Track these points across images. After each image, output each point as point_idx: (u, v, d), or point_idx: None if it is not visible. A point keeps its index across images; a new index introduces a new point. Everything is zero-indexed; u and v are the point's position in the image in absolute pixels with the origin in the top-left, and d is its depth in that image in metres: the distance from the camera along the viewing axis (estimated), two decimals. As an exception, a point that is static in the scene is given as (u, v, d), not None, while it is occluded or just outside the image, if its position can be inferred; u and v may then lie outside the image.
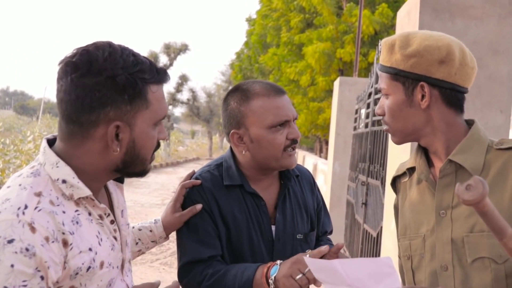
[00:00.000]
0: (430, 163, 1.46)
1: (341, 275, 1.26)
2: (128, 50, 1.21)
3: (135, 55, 1.21)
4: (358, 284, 1.25)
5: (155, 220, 1.82)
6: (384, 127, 1.48)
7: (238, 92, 1.73)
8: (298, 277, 1.51)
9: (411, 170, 1.52)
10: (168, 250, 7.24)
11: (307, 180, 1.91)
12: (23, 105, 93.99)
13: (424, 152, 1.48)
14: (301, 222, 1.80)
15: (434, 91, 1.37)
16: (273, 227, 1.74)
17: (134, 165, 1.25)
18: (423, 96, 1.38)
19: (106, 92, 1.16)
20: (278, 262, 1.58)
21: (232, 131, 1.72)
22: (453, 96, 1.38)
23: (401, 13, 3.56)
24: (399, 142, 1.46)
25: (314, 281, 1.51)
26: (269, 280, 1.55)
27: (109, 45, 1.20)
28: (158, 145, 1.30)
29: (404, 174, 1.55)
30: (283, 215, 1.76)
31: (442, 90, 1.37)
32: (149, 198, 12.42)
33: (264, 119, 1.67)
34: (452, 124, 1.40)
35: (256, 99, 1.69)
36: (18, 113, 75.21)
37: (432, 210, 1.42)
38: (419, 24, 3.01)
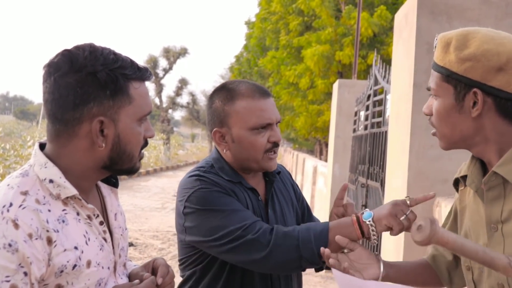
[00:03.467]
0: (487, 171, 1.34)
1: None
2: (108, 49, 1.25)
3: (116, 54, 1.25)
4: None
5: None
6: (432, 130, 1.38)
7: (223, 91, 1.73)
8: (402, 218, 1.52)
9: (464, 178, 1.40)
10: (169, 254, 7.24)
11: (286, 177, 1.93)
12: (23, 110, 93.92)
13: (479, 159, 1.36)
14: (290, 217, 1.82)
15: (488, 99, 1.25)
16: None
17: (122, 162, 1.27)
18: (474, 103, 1.26)
19: (88, 88, 1.19)
20: (367, 209, 1.59)
21: (214, 130, 1.72)
22: (509, 106, 1.25)
23: (399, 16, 3.57)
24: (445, 148, 1.37)
25: (409, 227, 1.51)
26: (366, 223, 1.53)
27: (90, 45, 1.24)
28: (146, 143, 1.32)
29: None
30: (273, 211, 1.77)
31: (497, 99, 1.25)
32: (150, 202, 12.42)
33: (247, 120, 1.67)
34: (505, 133, 1.28)
35: (240, 99, 1.69)
36: (18, 118, 75.21)
37: (484, 223, 1.32)
38: (416, 27, 3.03)
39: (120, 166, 1.28)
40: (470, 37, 1.27)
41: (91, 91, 1.20)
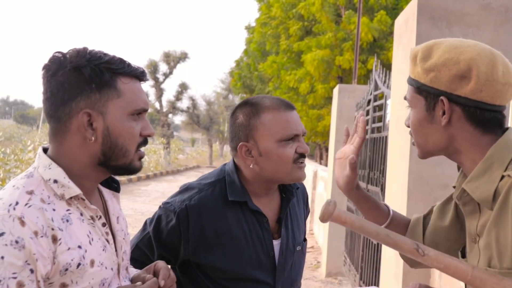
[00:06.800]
0: None
1: None
2: (100, 51, 1.30)
3: (106, 53, 1.29)
4: None
5: None
6: (412, 140, 1.38)
7: (247, 106, 1.73)
8: None
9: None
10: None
11: (302, 192, 1.94)
12: (23, 115, 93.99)
13: None
14: (298, 233, 1.83)
15: (456, 108, 1.26)
16: (275, 242, 1.75)
17: (116, 157, 1.28)
18: (444, 113, 1.27)
19: (74, 83, 1.24)
20: None
21: (240, 144, 1.70)
22: (478, 114, 1.24)
23: (399, 21, 3.59)
24: (422, 157, 1.38)
25: None
26: None
27: (83, 47, 1.29)
28: (144, 142, 1.33)
29: None
30: (286, 230, 1.77)
31: (465, 108, 1.25)
32: (150, 207, 12.40)
33: (274, 133, 1.67)
34: (477, 143, 1.27)
35: (266, 112, 1.69)
36: (18, 122, 75.20)
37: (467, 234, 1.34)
38: (416, 32, 3.04)
39: (115, 161, 1.29)
40: (434, 48, 1.30)
41: (78, 85, 1.24)
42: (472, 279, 1.11)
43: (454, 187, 1.41)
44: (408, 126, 1.37)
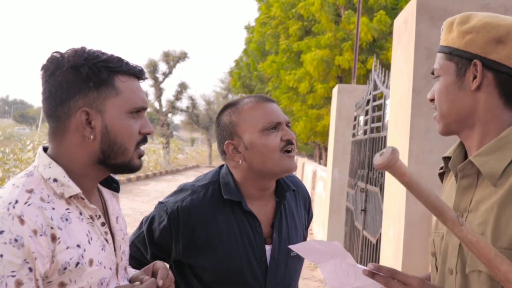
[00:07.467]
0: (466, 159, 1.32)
1: (320, 250, 1.34)
2: (98, 50, 1.30)
3: (104, 53, 1.30)
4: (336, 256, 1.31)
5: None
6: (434, 114, 1.35)
7: (227, 108, 1.77)
8: None
9: (448, 159, 1.37)
10: (168, 258, 7.22)
11: (303, 197, 1.91)
12: (22, 114, 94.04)
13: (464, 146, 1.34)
14: (296, 239, 1.80)
15: (488, 73, 1.23)
16: (267, 247, 1.74)
17: (115, 155, 1.29)
18: (475, 78, 1.24)
19: (72, 82, 1.25)
20: None
21: (226, 143, 1.71)
22: (509, 82, 1.23)
23: (398, 21, 3.59)
24: (442, 131, 1.34)
25: None
26: None
27: (81, 47, 1.30)
28: (144, 139, 1.34)
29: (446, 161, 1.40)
30: (279, 235, 1.75)
31: (497, 74, 1.23)
32: (149, 206, 12.41)
33: (255, 124, 1.68)
34: (496, 117, 1.25)
35: (245, 107, 1.72)
36: (18, 121, 75.28)
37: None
38: (415, 32, 3.04)
39: (114, 160, 1.29)
40: (474, 15, 1.28)
41: (75, 84, 1.25)
42: (494, 257, 1.12)
43: (445, 158, 1.39)
44: (431, 100, 1.35)
